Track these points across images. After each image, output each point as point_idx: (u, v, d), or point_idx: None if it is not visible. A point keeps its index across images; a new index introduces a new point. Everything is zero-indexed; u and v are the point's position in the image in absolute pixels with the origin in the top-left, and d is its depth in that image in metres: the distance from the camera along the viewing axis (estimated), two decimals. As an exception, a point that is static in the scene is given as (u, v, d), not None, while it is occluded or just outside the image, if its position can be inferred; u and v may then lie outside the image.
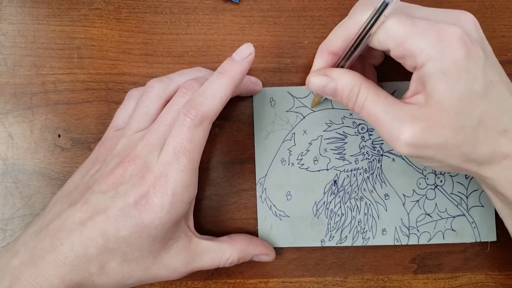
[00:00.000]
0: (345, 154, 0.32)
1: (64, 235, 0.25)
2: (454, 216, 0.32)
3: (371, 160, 0.32)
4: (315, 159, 0.32)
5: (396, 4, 0.23)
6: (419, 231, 0.32)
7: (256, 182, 0.33)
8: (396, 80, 0.32)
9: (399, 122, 0.24)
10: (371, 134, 0.32)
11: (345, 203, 0.32)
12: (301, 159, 0.32)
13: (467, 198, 0.32)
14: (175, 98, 0.28)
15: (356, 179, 0.32)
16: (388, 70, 0.31)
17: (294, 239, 0.32)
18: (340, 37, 0.27)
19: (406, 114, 0.24)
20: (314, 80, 0.27)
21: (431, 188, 0.32)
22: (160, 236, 0.26)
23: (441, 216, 0.32)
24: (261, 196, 0.33)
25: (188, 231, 0.28)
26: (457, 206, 0.32)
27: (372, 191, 0.32)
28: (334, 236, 0.32)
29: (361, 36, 0.25)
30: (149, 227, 0.25)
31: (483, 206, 0.32)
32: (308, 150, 0.32)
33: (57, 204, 0.27)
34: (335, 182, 0.32)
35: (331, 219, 0.32)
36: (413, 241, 0.32)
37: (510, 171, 0.25)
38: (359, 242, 0.32)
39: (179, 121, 0.26)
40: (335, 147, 0.32)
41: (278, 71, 0.33)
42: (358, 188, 0.32)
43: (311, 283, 0.33)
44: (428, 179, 0.32)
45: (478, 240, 0.32)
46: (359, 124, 0.32)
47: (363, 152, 0.32)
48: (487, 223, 0.32)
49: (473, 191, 0.32)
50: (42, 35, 0.33)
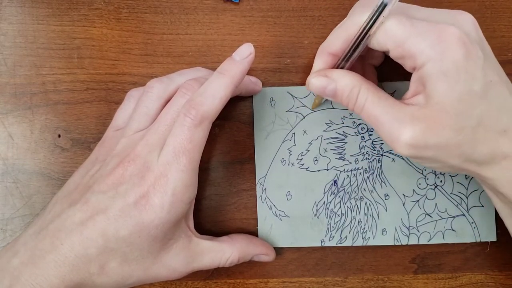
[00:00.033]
0: (345, 154, 0.32)
1: (64, 235, 0.25)
2: (454, 216, 0.32)
3: (371, 160, 0.32)
4: (315, 159, 0.32)
5: (394, 5, 0.23)
6: (419, 231, 0.32)
7: (256, 182, 0.33)
8: (396, 80, 0.32)
9: (399, 123, 0.24)
10: (371, 134, 0.32)
11: (345, 203, 0.32)
12: (301, 159, 0.32)
13: (467, 198, 0.32)
14: (175, 98, 0.28)
15: (356, 179, 0.32)
16: (388, 70, 0.31)
17: (294, 239, 0.32)
18: (340, 38, 0.27)
19: (406, 115, 0.24)
20: (314, 81, 0.27)
21: (431, 188, 0.32)
22: (160, 236, 0.26)
23: (441, 216, 0.32)
24: (261, 196, 0.33)
25: (188, 231, 0.28)
26: (457, 206, 0.32)
27: (372, 191, 0.32)
28: (334, 236, 0.32)
29: (360, 37, 0.25)
30: (149, 227, 0.25)
31: (483, 206, 0.32)
32: (308, 150, 0.32)
33: (57, 204, 0.27)
34: (335, 182, 0.32)
35: (331, 219, 0.32)
36: (413, 241, 0.32)
37: (510, 171, 0.25)
38: (359, 242, 0.32)
39: (179, 121, 0.26)
40: (335, 147, 0.32)
41: (278, 71, 0.33)
42: (358, 188, 0.32)
43: (311, 283, 0.33)
44: (428, 179, 0.32)
45: (478, 240, 0.32)
46: (359, 124, 0.32)
47: (363, 152, 0.32)
48: (487, 223, 0.32)
49: (473, 191, 0.32)
50: (42, 35, 0.33)
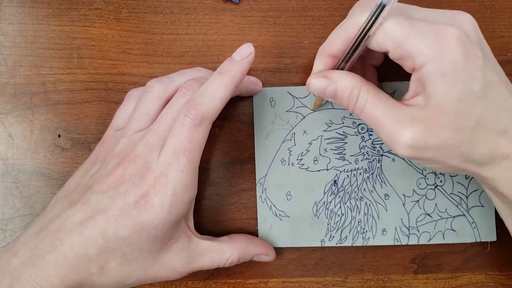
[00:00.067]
0: (345, 154, 0.32)
1: (64, 235, 0.25)
2: (454, 216, 0.32)
3: (371, 160, 0.32)
4: (315, 159, 0.32)
5: (393, 5, 0.23)
6: (419, 231, 0.32)
7: (256, 182, 0.33)
8: (396, 80, 0.32)
9: (399, 124, 0.24)
10: (371, 134, 0.32)
11: (345, 203, 0.32)
12: (301, 159, 0.32)
13: (467, 198, 0.32)
14: (175, 98, 0.28)
15: (356, 179, 0.32)
16: (388, 70, 0.31)
17: (294, 239, 0.32)
18: (339, 38, 0.27)
19: (406, 116, 0.24)
20: (314, 82, 0.27)
21: (431, 188, 0.32)
22: (160, 236, 0.26)
23: (441, 216, 0.32)
24: (261, 196, 0.33)
25: (188, 231, 0.28)
26: (457, 206, 0.32)
27: (372, 191, 0.32)
28: (334, 236, 0.32)
29: (359, 38, 0.25)
30: (149, 227, 0.25)
31: (483, 206, 0.32)
32: (308, 150, 0.32)
33: (57, 204, 0.27)
34: (335, 182, 0.32)
35: (331, 219, 0.32)
36: (413, 241, 0.32)
37: (510, 172, 0.25)
38: (359, 242, 0.32)
39: (179, 121, 0.26)
40: (335, 147, 0.32)
41: (278, 71, 0.33)
42: (358, 188, 0.32)
43: (311, 283, 0.33)
44: (428, 179, 0.32)
45: (478, 240, 0.32)
46: (359, 124, 0.32)
47: (363, 152, 0.32)
48: (487, 223, 0.32)
49: (473, 191, 0.32)
50: (42, 35, 0.33)
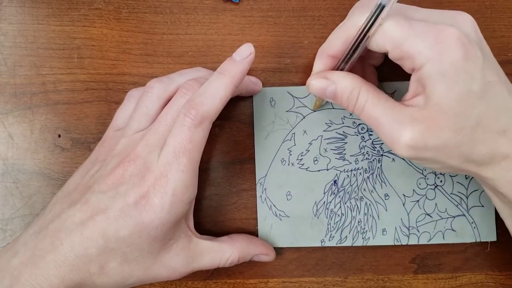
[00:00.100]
0: (345, 154, 0.32)
1: (64, 235, 0.25)
2: (454, 216, 0.32)
3: (371, 160, 0.32)
4: (315, 159, 0.32)
5: (392, 6, 0.23)
6: (419, 231, 0.32)
7: (256, 182, 0.33)
8: (396, 80, 0.32)
9: (398, 124, 0.24)
10: (371, 134, 0.32)
11: (345, 203, 0.32)
12: (301, 159, 0.32)
13: (467, 198, 0.32)
14: (175, 98, 0.28)
15: (356, 179, 0.32)
16: (388, 70, 0.31)
17: (294, 239, 0.32)
18: (339, 39, 0.27)
19: (406, 116, 0.24)
20: (314, 83, 0.27)
21: (431, 188, 0.32)
22: (160, 236, 0.26)
23: (441, 216, 0.32)
24: (261, 196, 0.33)
25: (188, 231, 0.28)
26: (457, 206, 0.32)
27: (372, 191, 0.32)
28: (334, 236, 0.32)
29: (359, 39, 0.25)
30: (149, 227, 0.25)
31: (483, 206, 0.32)
32: (308, 150, 0.32)
33: (57, 204, 0.27)
34: (335, 182, 0.32)
35: (331, 219, 0.32)
36: (413, 241, 0.32)
37: (510, 172, 0.25)
38: (359, 242, 0.32)
39: (179, 121, 0.26)
40: (335, 147, 0.32)
41: (278, 71, 0.33)
42: (358, 188, 0.32)
43: (311, 283, 0.33)
44: (428, 179, 0.32)
45: (478, 240, 0.32)
46: (359, 124, 0.32)
47: (363, 152, 0.32)
48: (487, 223, 0.32)
49: (473, 191, 0.32)
50: (42, 35, 0.33)
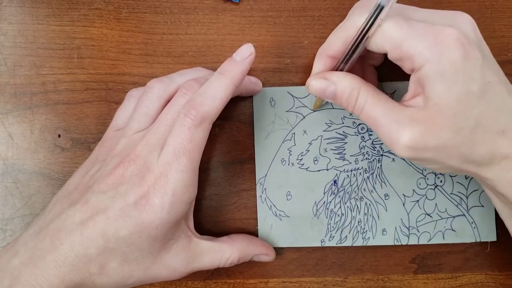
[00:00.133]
0: (345, 154, 0.32)
1: (64, 235, 0.25)
2: (454, 216, 0.32)
3: (371, 160, 0.32)
4: (315, 159, 0.32)
5: (391, 6, 0.23)
6: (419, 231, 0.32)
7: (256, 182, 0.33)
8: (396, 80, 0.32)
9: (398, 125, 0.24)
10: (371, 134, 0.32)
11: (345, 203, 0.32)
12: (301, 159, 0.32)
13: (467, 198, 0.32)
14: (175, 98, 0.28)
15: (356, 179, 0.32)
16: (388, 70, 0.31)
17: (294, 239, 0.32)
18: (338, 40, 0.27)
19: (405, 117, 0.24)
20: (314, 84, 0.27)
21: (431, 188, 0.32)
22: (160, 236, 0.26)
23: (441, 216, 0.32)
24: (261, 196, 0.33)
25: (188, 231, 0.28)
26: (457, 206, 0.32)
27: (372, 191, 0.32)
28: (334, 236, 0.32)
29: (358, 39, 0.25)
30: (149, 227, 0.25)
31: (483, 206, 0.32)
32: (308, 150, 0.32)
33: (57, 204, 0.27)
34: (335, 182, 0.32)
35: (331, 219, 0.32)
36: (413, 241, 0.32)
37: (510, 172, 0.25)
38: (359, 242, 0.32)
39: (179, 121, 0.26)
40: (335, 147, 0.32)
41: (278, 71, 0.33)
42: (358, 188, 0.32)
43: (311, 283, 0.33)
44: (428, 179, 0.32)
45: (478, 240, 0.32)
46: (359, 124, 0.32)
47: (363, 152, 0.32)
48: (487, 223, 0.32)
49: (473, 191, 0.32)
50: (42, 35, 0.33)
